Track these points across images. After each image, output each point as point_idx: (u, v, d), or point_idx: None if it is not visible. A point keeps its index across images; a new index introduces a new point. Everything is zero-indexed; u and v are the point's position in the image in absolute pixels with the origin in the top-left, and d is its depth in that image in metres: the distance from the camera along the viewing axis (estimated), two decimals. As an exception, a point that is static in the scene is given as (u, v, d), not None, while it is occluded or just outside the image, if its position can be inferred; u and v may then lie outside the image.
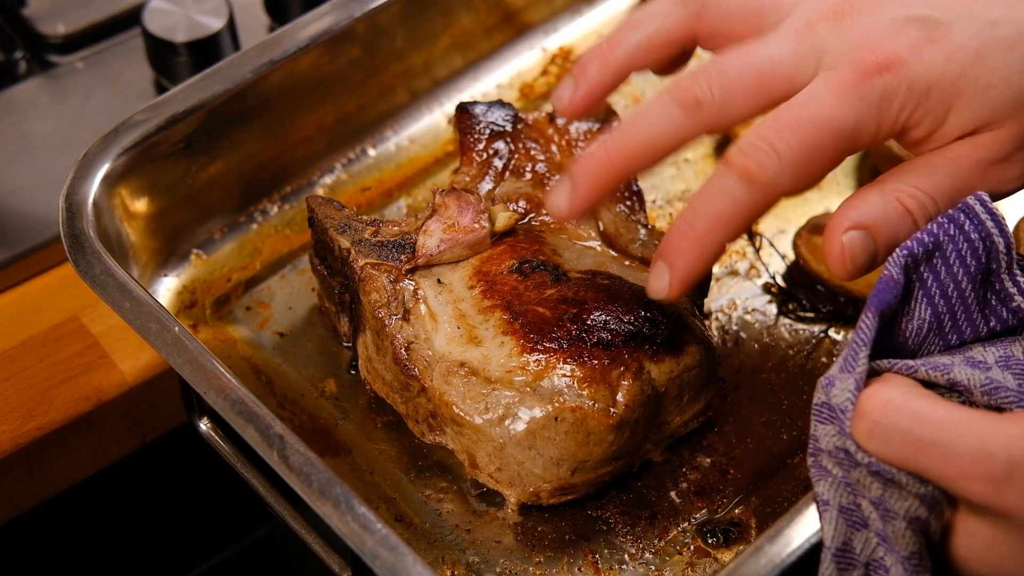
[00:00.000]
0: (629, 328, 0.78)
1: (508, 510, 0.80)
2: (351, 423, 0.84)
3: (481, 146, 0.90)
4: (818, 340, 0.89)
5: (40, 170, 1.00)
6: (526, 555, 0.78)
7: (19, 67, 1.07)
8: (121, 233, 0.88)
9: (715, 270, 0.92)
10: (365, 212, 0.96)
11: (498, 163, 0.89)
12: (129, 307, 0.79)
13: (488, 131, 0.90)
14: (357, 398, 0.86)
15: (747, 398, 0.86)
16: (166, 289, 0.91)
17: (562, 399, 0.76)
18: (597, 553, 0.78)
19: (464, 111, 0.91)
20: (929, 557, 0.62)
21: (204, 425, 0.85)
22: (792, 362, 0.88)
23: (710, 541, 0.79)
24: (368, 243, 0.83)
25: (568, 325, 0.77)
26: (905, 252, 0.64)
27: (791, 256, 0.93)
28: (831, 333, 0.89)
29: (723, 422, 0.85)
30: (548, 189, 0.79)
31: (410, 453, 0.83)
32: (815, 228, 0.92)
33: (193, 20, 1.04)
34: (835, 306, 0.90)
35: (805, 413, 0.84)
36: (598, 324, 0.78)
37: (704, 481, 0.82)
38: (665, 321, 0.79)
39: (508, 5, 1.05)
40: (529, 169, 0.89)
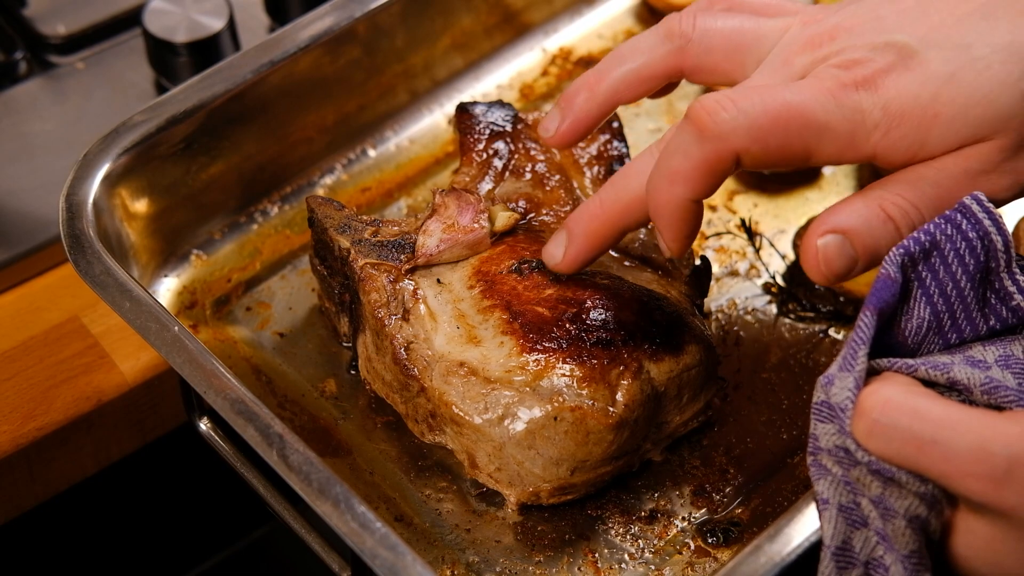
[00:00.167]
0: (628, 328, 0.78)
1: (508, 510, 0.80)
2: (351, 423, 0.84)
3: (481, 146, 0.90)
4: (818, 340, 0.89)
5: (40, 170, 1.00)
6: (526, 554, 0.78)
7: (19, 67, 1.07)
8: (121, 233, 0.88)
9: (715, 270, 0.92)
10: (365, 212, 0.96)
11: (498, 163, 0.89)
12: (129, 307, 0.79)
13: (488, 131, 0.90)
14: (357, 398, 0.86)
15: (747, 398, 0.86)
16: (166, 289, 0.91)
17: (561, 399, 0.76)
18: (597, 552, 0.78)
19: (464, 111, 0.91)
20: (929, 556, 0.62)
21: (204, 425, 0.85)
22: (792, 361, 0.88)
23: (710, 540, 0.79)
24: (368, 243, 0.83)
25: (567, 325, 0.77)
26: (902, 251, 0.64)
27: (791, 256, 0.93)
28: (831, 333, 0.89)
29: (723, 422, 0.85)
30: (547, 240, 0.80)
31: (410, 453, 0.83)
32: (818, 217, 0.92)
33: (193, 20, 1.04)
34: (835, 306, 0.90)
35: (805, 412, 0.84)
36: (597, 324, 0.78)
37: (704, 480, 0.82)
38: (665, 321, 0.79)
39: (508, 5, 1.05)
40: (529, 169, 0.89)
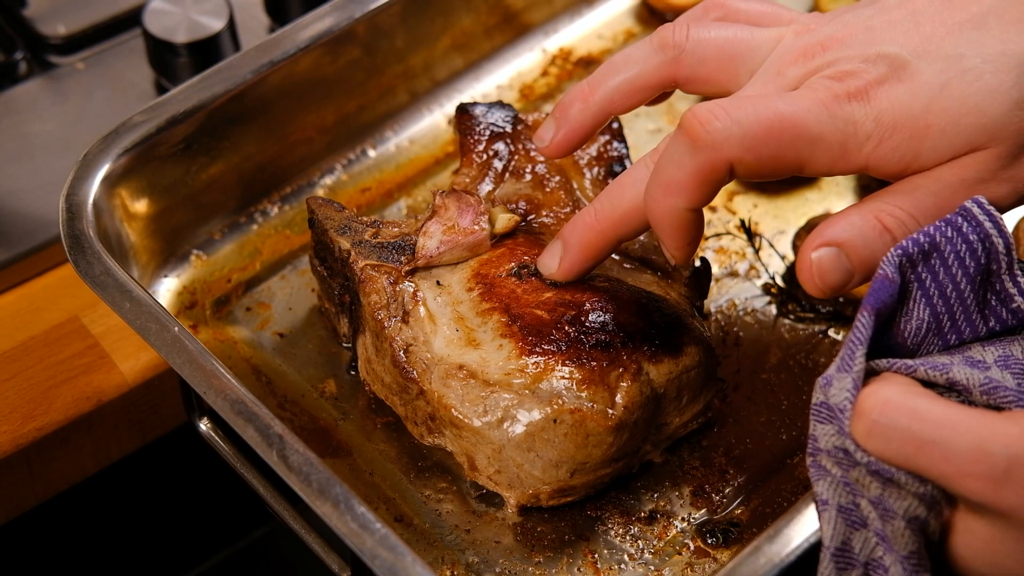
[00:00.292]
0: (628, 330, 0.78)
1: (508, 511, 0.80)
2: (351, 424, 0.84)
3: (481, 147, 0.90)
4: (818, 340, 0.89)
5: (40, 171, 1.00)
6: (526, 555, 0.78)
7: (20, 68, 1.07)
8: (121, 234, 0.88)
9: (715, 271, 0.92)
10: (365, 213, 0.96)
11: (498, 164, 0.89)
12: (129, 308, 0.79)
13: (488, 132, 0.90)
14: (357, 399, 0.86)
15: (746, 399, 0.86)
16: (166, 290, 0.91)
17: (561, 401, 0.76)
18: (596, 553, 0.78)
19: (464, 112, 0.91)
20: (928, 556, 0.62)
21: (204, 425, 0.85)
22: (792, 362, 0.88)
23: (709, 541, 0.79)
24: (368, 244, 0.83)
25: (566, 327, 0.77)
26: (900, 251, 0.64)
27: (791, 257, 0.93)
28: (830, 333, 0.89)
29: (722, 422, 0.85)
30: (542, 251, 0.80)
31: (410, 454, 0.83)
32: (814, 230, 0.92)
33: (193, 21, 1.04)
34: (834, 306, 0.90)
35: (804, 413, 0.84)
36: (596, 326, 0.78)
37: (703, 481, 0.82)
38: (664, 322, 0.79)
39: (508, 6, 1.05)
40: (529, 170, 0.89)
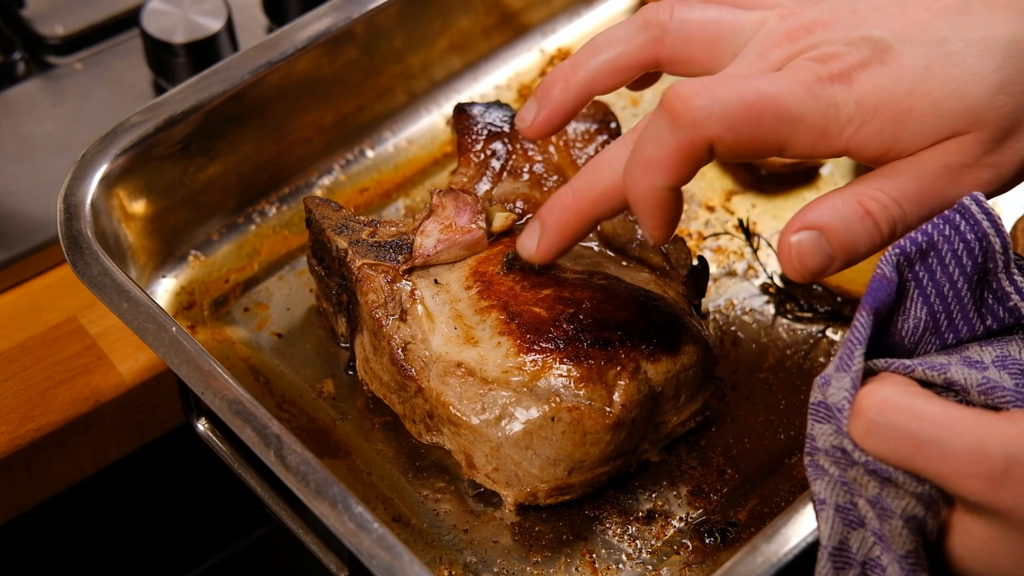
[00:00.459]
0: (626, 328, 0.78)
1: (505, 510, 0.80)
2: (349, 424, 0.84)
3: (479, 147, 0.90)
4: (816, 340, 0.89)
5: (38, 171, 1.00)
6: (524, 555, 0.78)
7: (18, 68, 1.07)
8: (119, 234, 0.88)
9: (713, 270, 0.92)
10: (363, 213, 0.96)
11: (496, 164, 0.89)
12: (127, 308, 0.79)
13: (486, 132, 0.90)
14: (355, 399, 0.86)
15: (745, 398, 0.86)
16: (164, 290, 0.91)
17: (559, 399, 0.76)
18: (594, 553, 0.78)
19: (462, 112, 0.91)
20: (926, 556, 0.62)
21: (202, 426, 0.85)
22: (790, 362, 0.88)
23: (707, 541, 0.79)
24: (365, 244, 0.83)
25: (564, 325, 0.77)
26: (897, 250, 0.64)
27: (789, 256, 0.93)
28: (829, 333, 0.89)
29: (720, 422, 0.85)
30: (520, 231, 0.80)
31: (408, 453, 0.83)
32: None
33: (191, 21, 1.04)
34: (833, 306, 0.90)
35: (803, 413, 0.84)
36: (595, 324, 0.78)
37: (701, 481, 0.82)
38: (662, 321, 0.79)
39: (506, 6, 1.05)
40: (526, 170, 0.89)
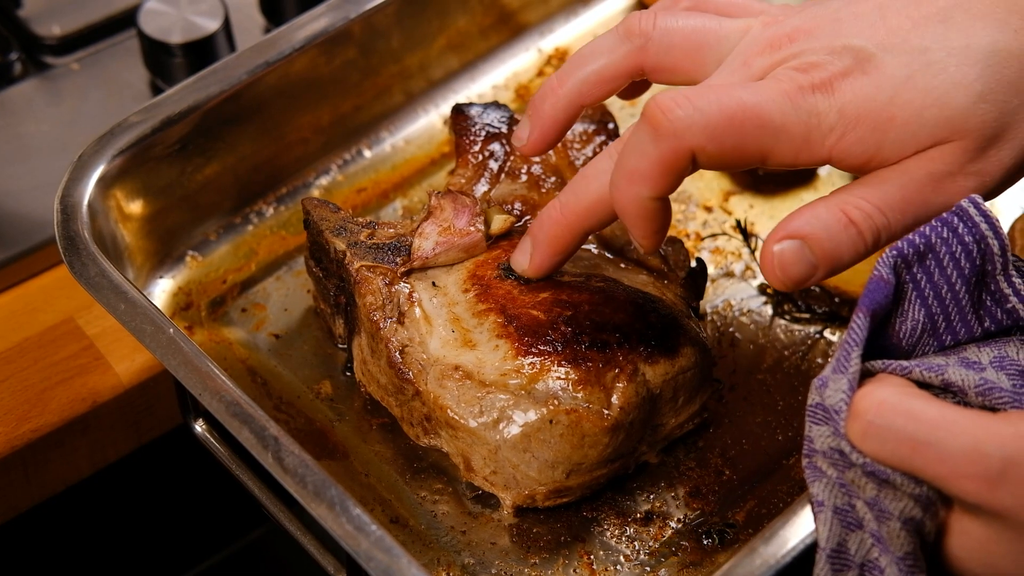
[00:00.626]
0: (624, 330, 0.78)
1: (504, 512, 0.80)
2: (347, 425, 0.84)
3: (477, 148, 0.90)
4: (813, 341, 0.89)
5: (35, 172, 1.00)
6: (522, 556, 0.78)
7: (14, 69, 1.07)
8: (116, 235, 0.88)
9: (711, 271, 0.92)
10: (361, 213, 0.96)
11: (494, 165, 0.89)
12: (124, 309, 0.79)
13: (484, 133, 0.90)
14: (353, 400, 0.86)
15: (742, 399, 0.86)
16: (161, 291, 0.91)
17: (557, 402, 0.76)
18: (592, 554, 0.78)
19: (460, 112, 0.91)
20: (924, 557, 0.62)
21: (199, 427, 0.85)
22: (788, 363, 0.88)
23: (705, 542, 0.79)
24: (363, 245, 0.83)
25: (562, 328, 0.77)
26: (895, 252, 0.64)
27: (787, 257, 0.93)
28: (826, 334, 0.89)
29: (718, 423, 0.85)
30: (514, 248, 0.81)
31: (406, 455, 0.82)
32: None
33: (188, 21, 1.03)
34: (830, 307, 0.90)
35: (801, 414, 0.84)
36: (592, 326, 0.78)
37: (699, 482, 0.82)
38: (660, 323, 0.79)
39: (504, 6, 1.05)
40: (525, 171, 0.89)
